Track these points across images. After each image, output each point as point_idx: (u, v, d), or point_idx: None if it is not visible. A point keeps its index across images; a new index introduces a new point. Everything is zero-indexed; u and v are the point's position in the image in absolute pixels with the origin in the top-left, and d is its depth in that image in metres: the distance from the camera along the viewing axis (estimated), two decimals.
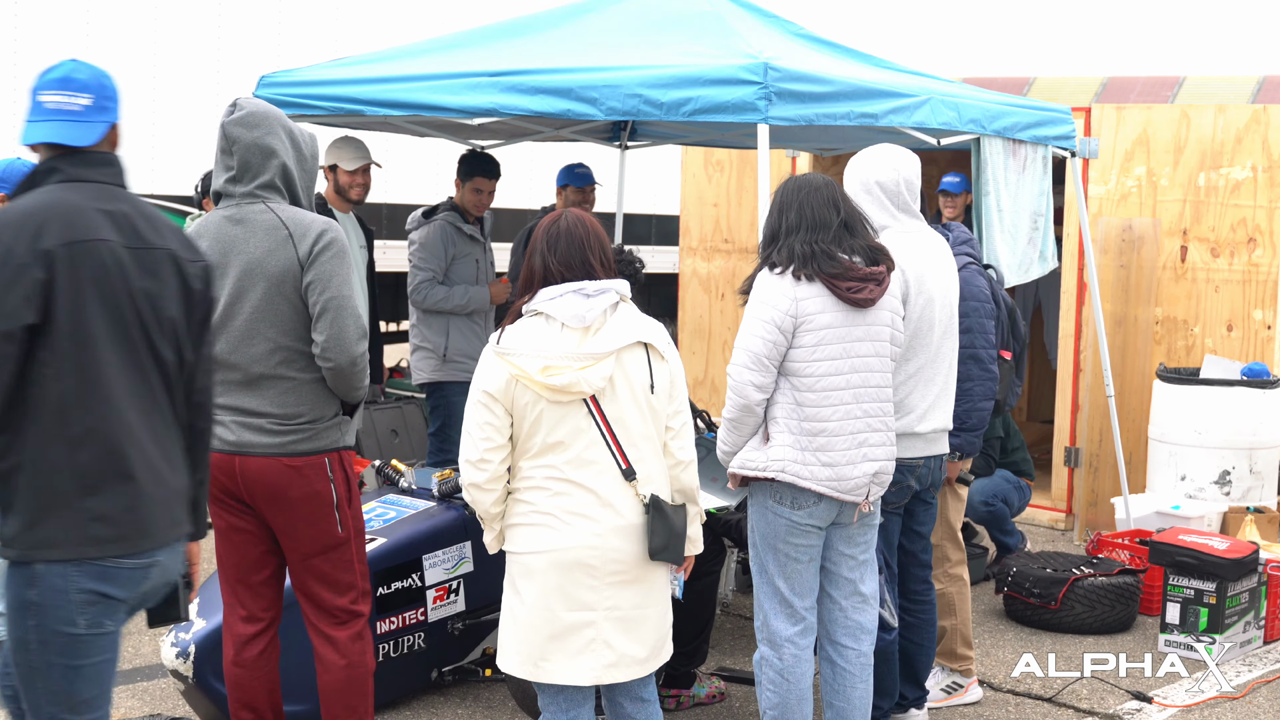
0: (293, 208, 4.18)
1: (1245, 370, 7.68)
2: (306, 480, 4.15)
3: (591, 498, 3.78)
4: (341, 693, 4.25)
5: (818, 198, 4.34)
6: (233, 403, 4.15)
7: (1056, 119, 6.65)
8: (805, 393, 4.28)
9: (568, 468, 3.78)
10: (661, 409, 3.87)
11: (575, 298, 3.78)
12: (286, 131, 4.21)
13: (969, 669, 5.52)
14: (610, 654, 3.81)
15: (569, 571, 3.77)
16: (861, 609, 4.50)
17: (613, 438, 3.79)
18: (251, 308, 4.10)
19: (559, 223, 3.89)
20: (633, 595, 3.83)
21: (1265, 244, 8.03)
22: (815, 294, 4.26)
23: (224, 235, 4.13)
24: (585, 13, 6.25)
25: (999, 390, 5.39)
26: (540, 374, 3.72)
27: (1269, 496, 7.69)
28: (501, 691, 5.44)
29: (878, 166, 4.81)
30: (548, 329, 3.78)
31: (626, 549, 3.81)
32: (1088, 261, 7.43)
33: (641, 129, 8.46)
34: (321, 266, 4.09)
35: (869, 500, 4.39)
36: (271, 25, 9.79)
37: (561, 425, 3.76)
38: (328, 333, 4.08)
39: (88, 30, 9.01)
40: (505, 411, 3.78)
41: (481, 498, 3.83)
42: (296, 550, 4.22)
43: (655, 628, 3.91)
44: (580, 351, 3.75)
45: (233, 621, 4.33)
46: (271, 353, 4.11)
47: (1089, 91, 9.45)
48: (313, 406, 4.16)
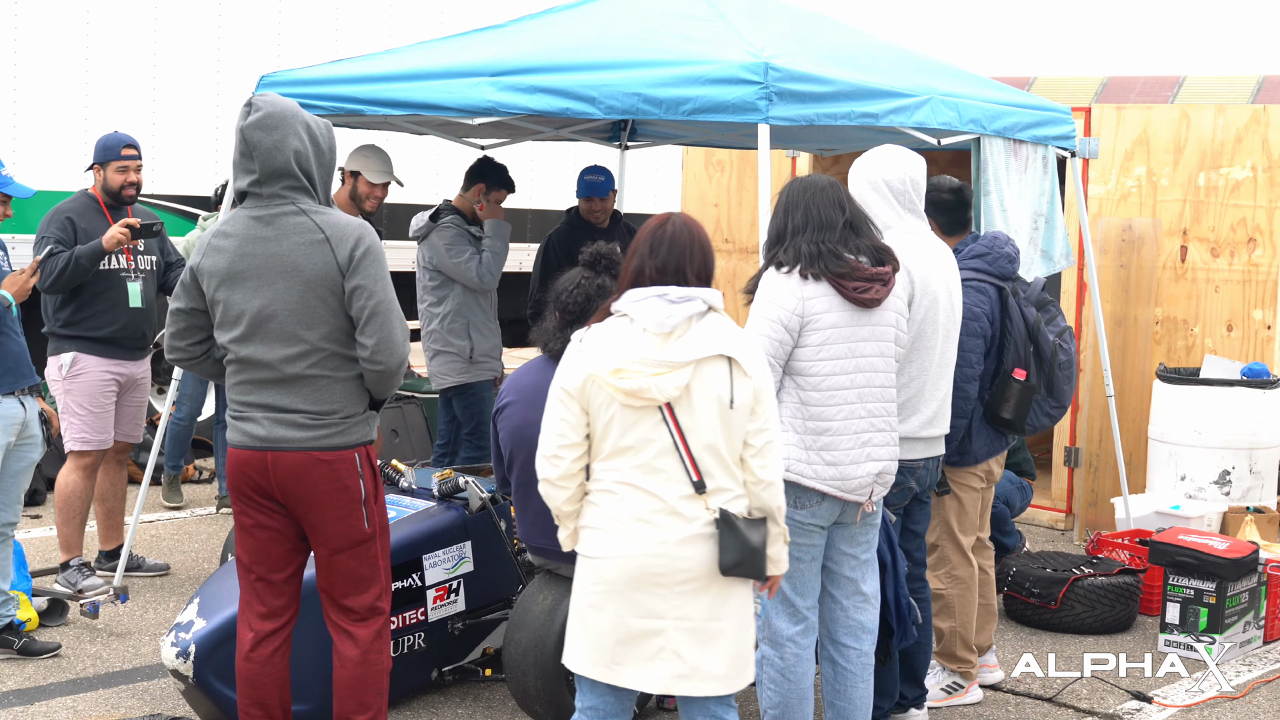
0: (323, 209, 4.18)
1: (1245, 370, 7.68)
2: (337, 475, 4.16)
3: (658, 505, 3.68)
4: (356, 689, 4.24)
5: (824, 198, 4.35)
6: (264, 400, 4.16)
7: (1057, 119, 6.65)
8: (810, 392, 4.28)
9: (636, 474, 3.70)
10: (741, 425, 3.73)
11: (658, 302, 3.71)
12: (305, 127, 4.20)
13: (969, 671, 5.51)
14: (682, 665, 3.71)
15: (635, 578, 3.69)
16: (863, 608, 4.50)
17: (685, 448, 3.69)
18: (286, 310, 4.10)
19: (665, 226, 3.82)
20: (705, 607, 3.71)
21: (1265, 244, 8.03)
22: (821, 293, 4.27)
23: (253, 235, 4.14)
24: (585, 12, 6.25)
25: (1009, 410, 5.30)
26: (611, 375, 3.66)
27: (1269, 496, 7.68)
28: (501, 691, 5.44)
29: (886, 166, 4.82)
30: (628, 331, 3.72)
31: (695, 559, 3.69)
32: (1088, 261, 7.43)
33: (641, 129, 8.46)
34: (365, 272, 4.10)
35: (872, 500, 4.40)
36: (271, 25, 9.79)
37: (633, 430, 3.69)
38: (377, 336, 4.09)
39: (88, 30, 9.01)
40: (581, 410, 3.72)
41: (554, 494, 3.78)
42: (324, 545, 4.22)
43: (733, 644, 3.76)
44: (656, 358, 3.67)
45: (250, 618, 4.32)
46: (306, 354, 4.12)
47: (1089, 91, 9.45)
48: (345, 404, 4.18)
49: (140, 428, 6.80)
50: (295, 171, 4.15)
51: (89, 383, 6.46)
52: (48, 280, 6.32)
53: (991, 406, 5.32)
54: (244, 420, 4.21)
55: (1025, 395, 5.31)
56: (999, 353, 5.33)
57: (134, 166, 6.59)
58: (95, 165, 6.59)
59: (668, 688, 3.75)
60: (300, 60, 8.29)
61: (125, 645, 5.96)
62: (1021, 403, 5.32)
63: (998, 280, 5.34)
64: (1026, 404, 5.33)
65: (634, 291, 3.75)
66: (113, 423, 6.58)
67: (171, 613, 6.37)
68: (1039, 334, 5.38)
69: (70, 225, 6.41)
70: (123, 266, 6.55)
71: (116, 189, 6.55)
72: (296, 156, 4.15)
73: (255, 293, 4.13)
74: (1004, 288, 5.34)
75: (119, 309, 6.53)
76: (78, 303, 6.44)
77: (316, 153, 4.22)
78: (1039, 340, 5.38)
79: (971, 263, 5.33)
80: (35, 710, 5.21)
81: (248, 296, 4.14)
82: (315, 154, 4.21)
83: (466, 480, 5.55)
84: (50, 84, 8.84)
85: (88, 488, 6.55)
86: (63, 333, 6.46)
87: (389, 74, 5.93)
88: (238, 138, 4.18)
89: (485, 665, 5.51)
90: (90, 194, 6.60)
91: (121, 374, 6.58)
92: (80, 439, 6.47)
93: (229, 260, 4.16)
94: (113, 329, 6.51)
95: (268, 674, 4.29)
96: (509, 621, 5.07)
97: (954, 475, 5.36)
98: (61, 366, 6.45)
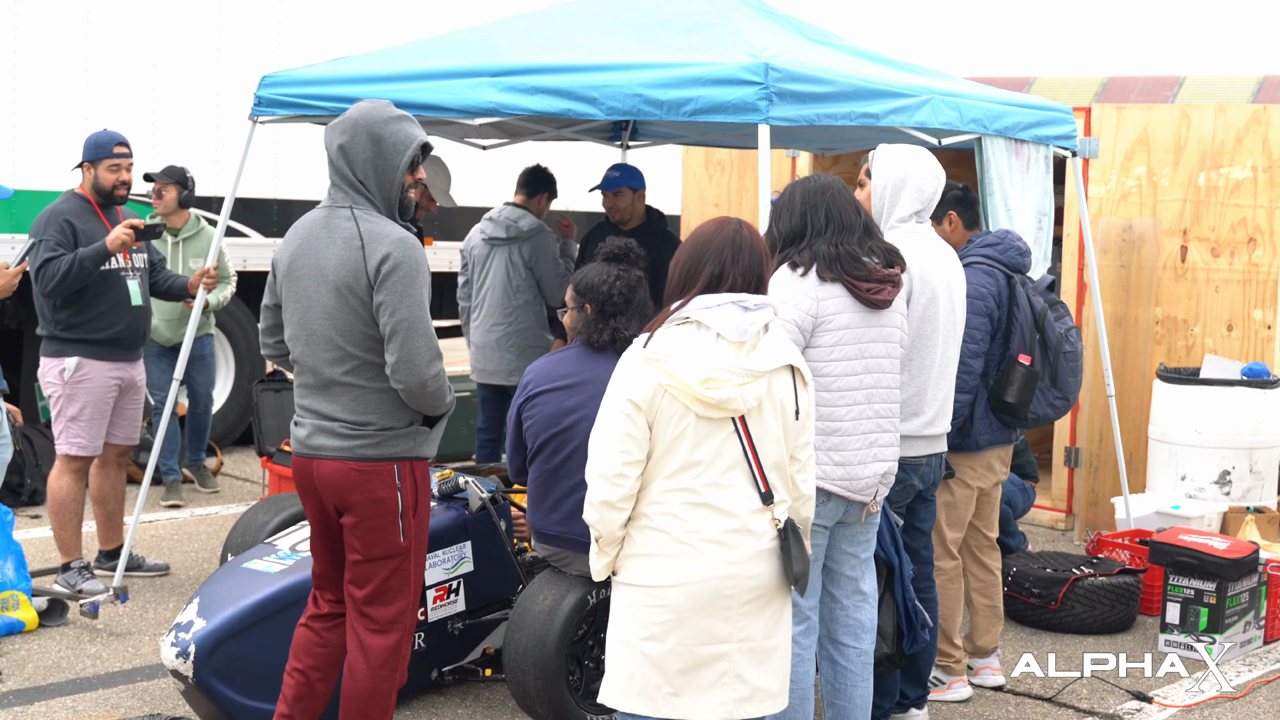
0: (375, 218, 4.12)
1: (1245, 370, 7.68)
2: (371, 486, 4.13)
3: (730, 523, 3.56)
4: (361, 701, 4.21)
5: (842, 199, 4.36)
6: (310, 405, 4.19)
7: (1057, 119, 6.65)
8: (821, 393, 4.29)
9: (708, 491, 3.55)
10: (794, 436, 3.67)
11: (734, 309, 3.56)
12: (372, 136, 4.11)
13: (951, 666, 5.52)
14: (743, 688, 3.60)
15: (707, 604, 3.54)
16: (862, 607, 4.50)
17: (755, 460, 3.58)
18: (323, 314, 4.11)
19: (743, 232, 3.67)
20: (764, 624, 3.62)
21: (1265, 244, 8.03)
22: (835, 295, 4.29)
23: (311, 235, 4.16)
24: (585, 12, 6.25)
25: (1012, 394, 5.37)
26: (700, 385, 3.49)
27: (1269, 496, 7.68)
28: (502, 691, 5.44)
29: (921, 171, 4.84)
30: (701, 339, 3.55)
31: (762, 575, 3.59)
32: (1088, 261, 7.43)
33: (642, 128, 8.46)
34: (392, 287, 4.04)
35: (876, 500, 4.41)
36: (271, 25, 9.79)
37: (706, 443, 3.54)
38: (398, 354, 4.06)
39: (88, 30, 9.00)
40: (647, 424, 3.54)
41: (613, 518, 3.57)
42: (358, 552, 4.20)
43: (784, 659, 3.70)
44: (738, 366, 3.54)
45: (319, 596, 4.38)
46: (340, 360, 4.11)
47: (1089, 91, 9.45)
48: (382, 415, 4.14)
49: (138, 429, 6.78)
50: (352, 174, 4.12)
51: (93, 388, 6.42)
52: (50, 284, 6.24)
53: (996, 391, 5.40)
54: (298, 425, 4.25)
55: (1029, 381, 5.38)
56: (1005, 338, 5.40)
57: (126, 165, 6.48)
58: (85, 163, 6.47)
59: (729, 714, 3.61)
60: (300, 60, 8.27)
61: (125, 645, 5.96)
62: (1025, 388, 5.37)
63: (1006, 269, 5.44)
64: (1030, 390, 5.38)
65: (706, 298, 3.59)
66: (106, 428, 6.54)
67: (171, 613, 6.37)
68: (1045, 322, 5.43)
69: (69, 228, 6.31)
70: (122, 266, 6.50)
71: (109, 188, 6.44)
72: (353, 161, 4.11)
73: (303, 295, 4.13)
74: (1013, 276, 5.43)
75: (122, 309, 6.48)
76: (79, 305, 6.37)
77: (378, 161, 4.12)
78: (1045, 328, 5.43)
79: (982, 250, 5.45)
80: (35, 710, 5.21)
81: (298, 298, 4.16)
82: (376, 162, 4.12)
83: (466, 480, 5.54)
84: (50, 84, 8.83)
85: (80, 490, 6.51)
86: (64, 336, 6.38)
87: (389, 74, 5.93)
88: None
89: (485, 665, 5.50)
90: (80, 194, 6.48)
91: (123, 377, 6.55)
92: (77, 444, 6.43)
93: (289, 259, 4.19)
94: (116, 329, 6.46)
95: (322, 644, 4.32)
96: (509, 621, 5.07)
97: (953, 461, 5.37)
98: (64, 370, 6.37)
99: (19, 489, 8.38)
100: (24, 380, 9.04)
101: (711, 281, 3.62)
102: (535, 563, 5.46)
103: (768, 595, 3.62)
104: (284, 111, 6.28)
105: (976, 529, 5.65)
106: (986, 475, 5.52)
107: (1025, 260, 5.52)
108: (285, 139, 9.53)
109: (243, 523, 6.00)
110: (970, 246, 5.51)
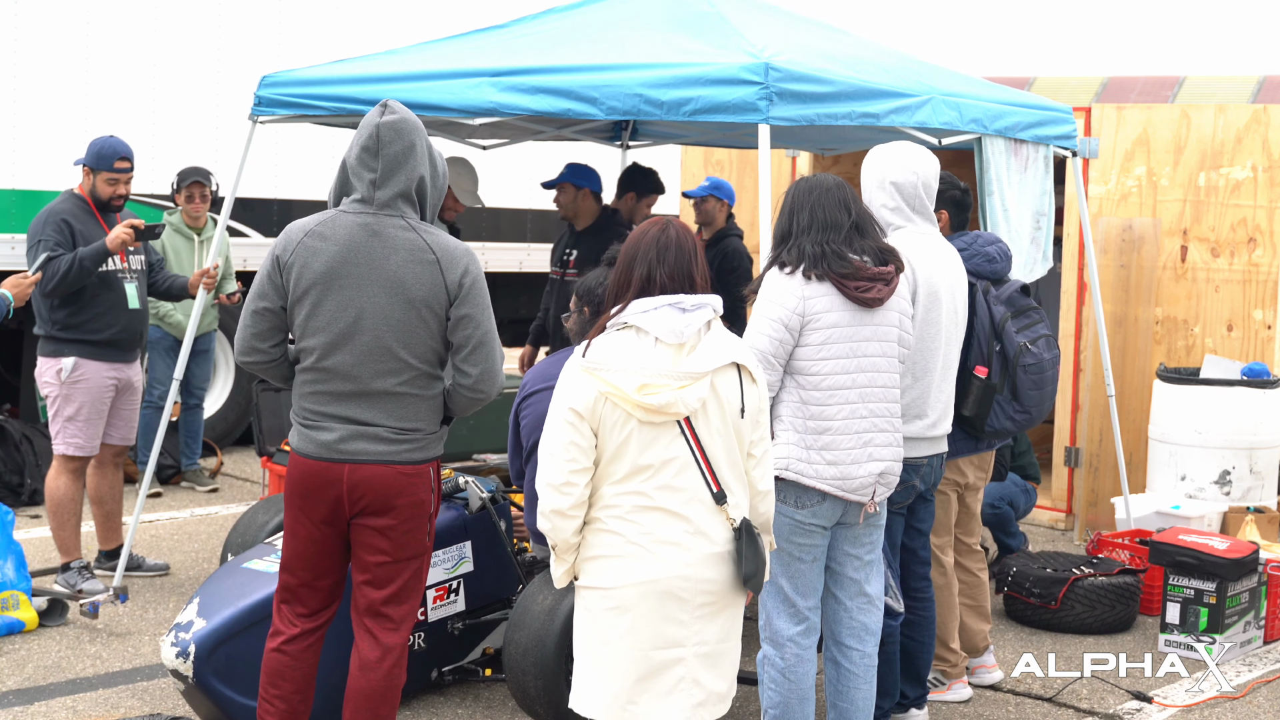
0: (435, 230, 4.11)
1: (1245, 370, 7.68)
2: (415, 489, 4.13)
3: (682, 525, 3.60)
4: (372, 699, 4.18)
5: (829, 199, 4.35)
6: (343, 412, 4.08)
7: (1057, 119, 6.65)
8: (811, 391, 4.28)
9: (658, 494, 3.58)
10: (747, 434, 3.68)
11: (671, 311, 3.58)
12: (426, 144, 4.13)
13: (948, 669, 5.52)
14: (699, 692, 3.65)
15: (661, 605, 3.58)
16: (866, 610, 4.50)
17: (705, 461, 3.60)
18: (385, 325, 4.03)
19: (668, 231, 3.69)
20: (718, 628, 3.67)
21: (1265, 244, 8.03)
22: (823, 293, 4.28)
23: (356, 242, 4.04)
24: (585, 12, 6.25)
25: (969, 407, 5.19)
26: (637, 392, 3.51)
27: (1269, 496, 7.68)
28: (501, 691, 5.44)
29: (895, 167, 4.84)
30: (639, 344, 3.58)
31: (716, 577, 3.63)
32: (1088, 261, 7.43)
33: (642, 128, 8.47)
34: (473, 301, 4.05)
35: (874, 500, 4.40)
36: (271, 25, 9.79)
37: (652, 447, 3.57)
38: (482, 366, 4.06)
39: (88, 30, 9.00)
40: (592, 431, 3.56)
41: (564, 526, 3.60)
42: (386, 554, 4.14)
43: (734, 662, 3.77)
44: (677, 370, 3.55)
45: (289, 614, 4.27)
46: (399, 371, 4.06)
47: (1089, 91, 9.45)
48: (428, 421, 4.15)
49: (134, 430, 6.77)
50: (413, 181, 4.07)
51: (90, 388, 6.42)
52: (50, 283, 6.24)
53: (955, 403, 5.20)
54: (317, 429, 4.10)
55: (985, 394, 5.23)
56: (966, 349, 5.22)
57: (125, 180, 6.49)
58: (86, 167, 6.49)
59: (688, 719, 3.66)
60: (300, 60, 8.28)
61: (125, 645, 5.96)
62: (981, 401, 5.22)
63: (969, 276, 5.25)
64: (987, 404, 5.24)
65: (642, 301, 3.62)
66: (103, 429, 6.55)
67: (171, 613, 6.37)
68: (1004, 332, 5.28)
69: (67, 228, 6.32)
70: (119, 268, 6.50)
71: (105, 199, 6.46)
72: (418, 167, 4.08)
73: (351, 302, 4.03)
74: (974, 284, 5.27)
75: (118, 310, 6.48)
76: (76, 305, 6.37)
77: (433, 172, 4.15)
78: (1004, 338, 5.28)
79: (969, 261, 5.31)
80: (35, 710, 5.21)
81: (342, 305, 4.03)
82: (432, 173, 4.15)
83: (466, 480, 5.55)
84: (50, 84, 8.83)
85: (78, 491, 6.51)
86: (61, 336, 6.38)
87: (390, 75, 5.93)
88: (368, 132, 4.04)
89: (485, 665, 5.50)
90: (78, 195, 6.48)
91: (120, 378, 6.55)
92: (74, 444, 6.43)
93: (327, 264, 4.03)
94: (113, 331, 6.46)
95: (297, 667, 4.26)
96: (509, 621, 5.07)
97: None
98: (61, 370, 6.38)
99: (19, 489, 8.38)
100: (24, 380, 9.04)
101: (642, 284, 3.64)
102: (535, 563, 5.46)
103: (722, 600, 3.67)
104: (284, 111, 6.28)
105: (955, 535, 5.60)
106: (956, 480, 5.45)
107: (994, 267, 5.35)
108: (285, 139, 9.53)
109: (243, 523, 6.00)
110: None
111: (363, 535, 4.16)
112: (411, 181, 4.08)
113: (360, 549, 4.18)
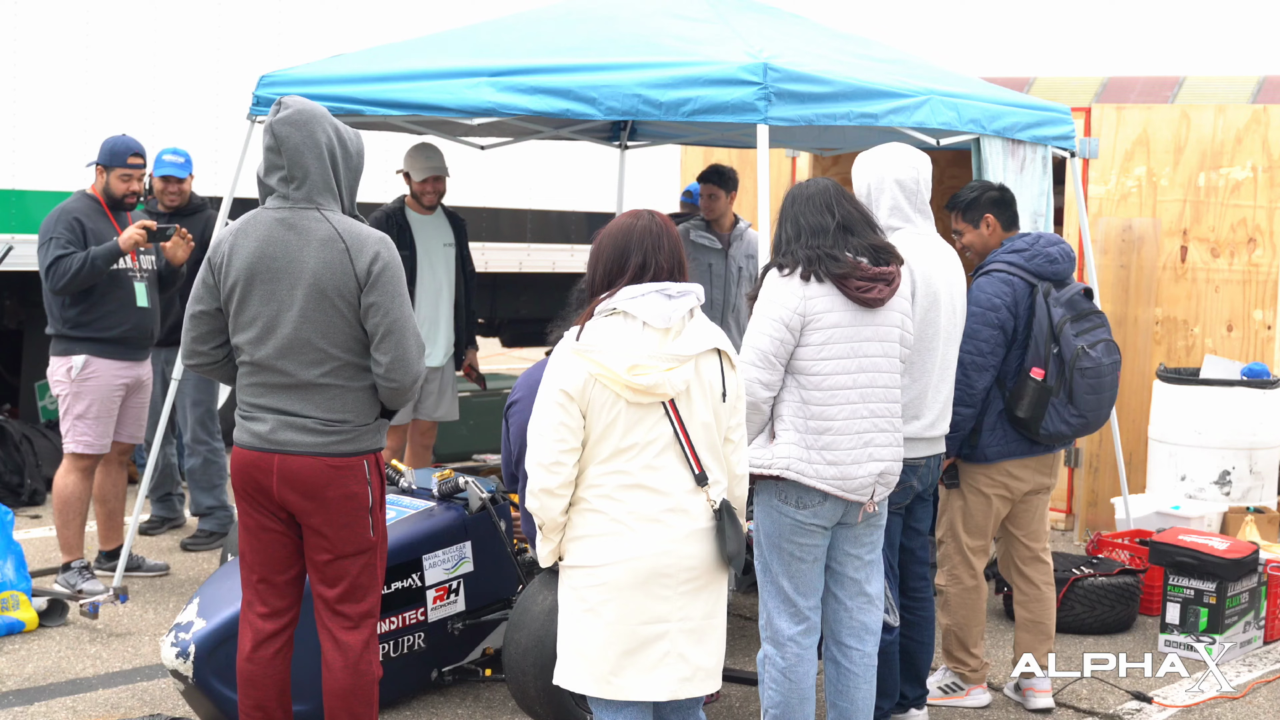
0: (348, 219, 4.13)
1: (1245, 370, 7.68)
2: (344, 482, 4.14)
3: (665, 502, 3.72)
4: (346, 698, 4.21)
5: (810, 206, 4.37)
6: (274, 404, 4.13)
7: (1056, 119, 6.65)
8: (811, 391, 4.29)
9: (642, 473, 3.71)
10: (725, 418, 3.82)
11: (658, 298, 3.72)
12: (333, 128, 4.15)
13: (967, 674, 5.49)
14: (685, 667, 3.76)
15: (645, 581, 3.70)
16: (867, 609, 4.50)
17: (688, 442, 3.73)
18: (303, 318, 4.06)
19: (657, 221, 3.82)
20: (703, 604, 3.78)
21: (1265, 244, 8.03)
22: (824, 293, 4.28)
23: (275, 238, 4.08)
24: (585, 12, 6.25)
25: (1023, 409, 5.18)
26: (628, 373, 3.65)
27: (1269, 496, 7.68)
28: (501, 691, 5.44)
29: (899, 166, 4.84)
30: (628, 328, 3.71)
31: (699, 555, 3.75)
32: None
33: (641, 128, 8.46)
34: (383, 288, 4.06)
35: (874, 500, 4.40)
36: (271, 25, 9.79)
37: (638, 428, 3.70)
38: (392, 354, 4.07)
39: (88, 30, 9.00)
40: (580, 412, 3.69)
41: (552, 504, 3.73)
42: (327, 551, 4.18)
43: (720, 639, 3.86)
44: (664, 352, 3.69)
45: (251, 618, 4.29)
46: (320, 362, 4.09)
47: (1089, 91, 9.45)
48: (357, 413, 4.15)
49: (142, 429, 6.80)
50: (321, 171, 4.10)
51: (100, 386, 6.45)
52: (60, 281, 6.29)
53: (1009, 405, 5.24)
54: (252, 420, 4.17)
55: (1040, 396, 5.19)
56: (1022, 349, 5.24)
57: (138, 176, 6.58)
58: (99, 166, 6.56)
59: (674, 693, 3.75)
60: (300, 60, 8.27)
61: (125, 645, 5.96)
62: (1036, 403, 5.19)
63: (1031, 276, 5.25)
64: (1042, 405, 5.20)
65: (631, 288, 3.74)
66: (114, 426, 6.58)
67: (171, 613, 6.37)
68: (1062, 334, 5.21)
69: (79, 226, 6.39)
70: (129, 267, 6.56)
71: (119, 196, 6.54)
72: (323, 156, 4.10)
73: (272, 297, 4.08)
74: (1035, 285, 5.25)
75: (128, 309, 6.52)
76: (87, 303, 6.42)
77: (344, 155, 4.17)
78: (1062, 341, 5.21)
79: (1009, 256, 5.28)
80: (35, 710, 5.21)
81: (264, 300, 4.09)
82: (343, 156, 4.16)
83: (466, 480, 5.55)
84: (50, 84, 8.83)
85: (86, 490, 6.54)
86: (72, 334, 6.43)
87: (389, 74, 5.93)
88: (266, 134, 4.12)
89: (485, 665, 5.51)
90: (91, 195, 6.56)
91: (130, 376, 6.58)
92: (84, 442, 6.46)
93: (246, 260, 4.10)
94: (123, 329, 6.50)
95: (269, 675, 4.27)
96: (509, 621, 5.06)
97: (964, 469, 5.34)
98: (71, 369, 6.42)
99: (19, 489, 8.39)
100: (24, 380, 9.04)
101: (638, 271, 3.76)
102: (535, 563, 5.46)
103: (705, 576, 3.78)
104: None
105: (1016, 539, 5.51)
106: (1008, 484, 5.36)
107: (1056, 268, 5.27)
108: None
109: None
110: (999, 251, 5.33)
111: (307, 534, 4.20)
112: (323, 173, 4.11)
113: (308, 548, 4.22)
